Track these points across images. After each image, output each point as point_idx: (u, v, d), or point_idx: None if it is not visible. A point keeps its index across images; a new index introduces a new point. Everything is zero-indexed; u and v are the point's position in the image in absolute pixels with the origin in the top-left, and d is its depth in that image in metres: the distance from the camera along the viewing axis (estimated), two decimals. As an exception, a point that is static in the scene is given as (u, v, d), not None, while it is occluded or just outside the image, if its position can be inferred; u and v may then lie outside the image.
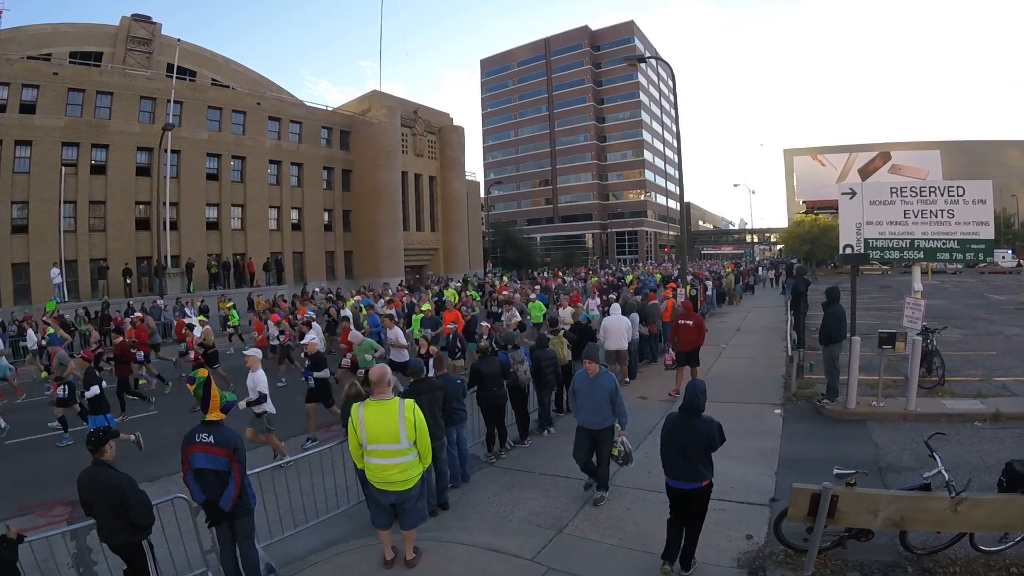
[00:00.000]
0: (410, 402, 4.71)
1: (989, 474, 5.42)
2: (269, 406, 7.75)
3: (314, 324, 12.78)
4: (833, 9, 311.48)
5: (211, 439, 4.42)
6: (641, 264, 60.20)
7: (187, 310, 19.45)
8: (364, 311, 15.51)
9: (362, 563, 5.03)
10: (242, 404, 7.67)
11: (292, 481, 5.71)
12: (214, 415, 4.58)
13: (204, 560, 4.91)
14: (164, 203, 26.83)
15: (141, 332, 13.37)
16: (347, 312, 15.34)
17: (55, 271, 22.67)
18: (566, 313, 12.95)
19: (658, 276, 27.78)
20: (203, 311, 19.38)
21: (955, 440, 6.88)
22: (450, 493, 6.34)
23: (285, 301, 19.79)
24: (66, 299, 22.53)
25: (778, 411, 9.11)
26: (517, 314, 13.34)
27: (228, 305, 18.31)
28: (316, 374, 8.76)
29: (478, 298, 21.39)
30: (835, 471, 4.37)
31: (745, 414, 9.09)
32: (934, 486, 4.54)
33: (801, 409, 9.16)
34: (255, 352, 8.13)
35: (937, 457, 4.67)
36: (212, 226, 30.32)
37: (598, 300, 15.18)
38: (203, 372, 7.15)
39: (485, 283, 28.10)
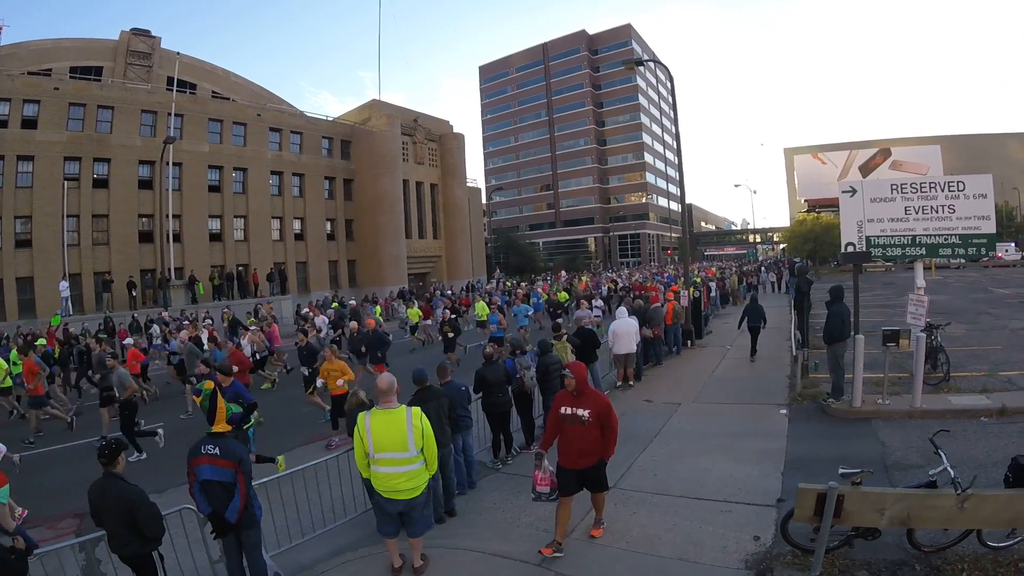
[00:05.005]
0: (417, 410, 4.73)
1: (996, 470, 5.39)
2: None
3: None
4: (831, 6, 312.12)
5: (217, 451, 4.43)
6: (643, 266, 60.09)
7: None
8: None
9: (370, 571, 5.03)
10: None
11: (299, 491, 5.72)
12: (220, 427, 4.60)
13: (213, 570, 4.92)
14: (167, 215, 26.97)
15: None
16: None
17: (64, 284, 22.82)
18: None
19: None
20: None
21: (961, 436, 6.86)
22: (457, 500, 6.34)
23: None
24: (71, 313, 22.63)
25: (783, 411, 9.08)
26: None
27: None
28: None
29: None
30: (841, 470, 4.35)
31: (750, 415, 9.08)
32: (940, 483, 4.50)
33: (806, 409, 9.13)
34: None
35: (943, 454, 4.64)
36: (215, 238, 30.49)
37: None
38: (209, 384, 7.16)
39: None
